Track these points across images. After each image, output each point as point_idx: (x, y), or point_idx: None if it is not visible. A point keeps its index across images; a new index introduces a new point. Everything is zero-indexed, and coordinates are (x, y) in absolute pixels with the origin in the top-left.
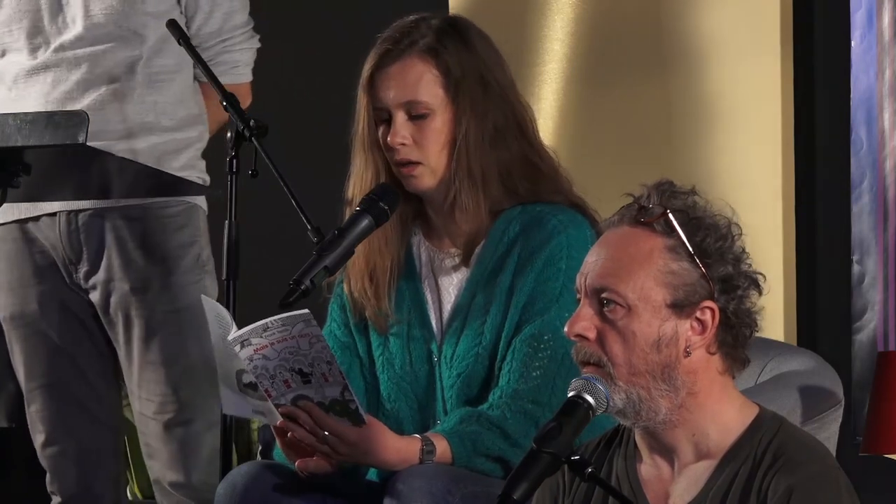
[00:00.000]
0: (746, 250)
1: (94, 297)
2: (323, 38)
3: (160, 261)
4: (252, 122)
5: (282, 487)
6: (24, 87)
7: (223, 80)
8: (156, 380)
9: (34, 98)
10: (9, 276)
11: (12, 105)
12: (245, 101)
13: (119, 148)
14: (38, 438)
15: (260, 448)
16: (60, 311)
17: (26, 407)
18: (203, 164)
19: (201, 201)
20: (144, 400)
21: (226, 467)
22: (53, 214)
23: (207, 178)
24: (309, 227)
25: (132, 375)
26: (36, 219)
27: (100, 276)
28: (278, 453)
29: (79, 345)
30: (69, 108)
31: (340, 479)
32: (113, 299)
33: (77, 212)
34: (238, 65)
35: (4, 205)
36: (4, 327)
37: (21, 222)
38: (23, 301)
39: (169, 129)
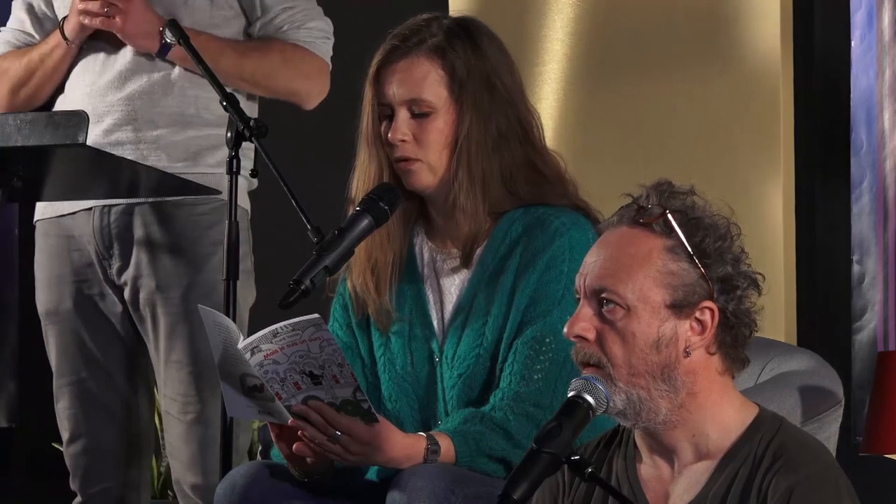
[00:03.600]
0: (745, 250)
1: (126, 293)
2: None
3: (188, 258)
4: (252, 122)
5: (281, 488)
6: (74, 76)
7: (295, 36)
8: (179, 379)
9: (82, 88)
10: (48, 273)
11: (66, 93)
12: (320, 80)
13: (155, 139)
14: (63, 436)
15: (260, 448)
16: (94, 312)
17: (55, 403)
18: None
19: (241, 199)
20: (169, 399)
21: (226, 467)
22: (90, 209)
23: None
24: (309, 227)
25: (160, 373)
26: (73, 214)
27: (129, 272)
28: (277, 454)
29: (108, 346)
30: (111, 98)
31: (339, 478)
32: (141, 296)
33: (110, 207)
34: (311, 29)
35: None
36: (42, 322)
37: (61, 217)
38: (59, 298)
39: (209, 123)
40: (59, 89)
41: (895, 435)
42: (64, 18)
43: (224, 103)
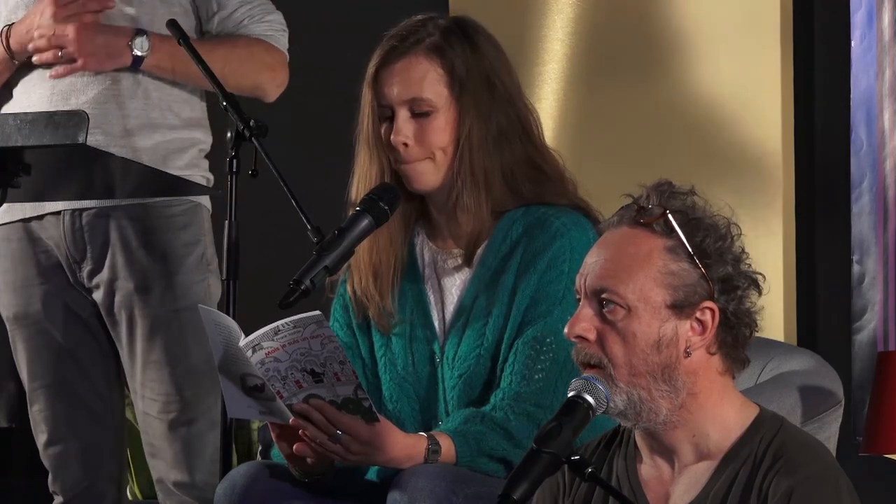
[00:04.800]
0: (746, 250)
1: (98, 296)
2: (323, 37)
3: (164, 260)
4: (252, 122)
5: (281, 488)
6: (30, 78)
7: (257, 30)
8: (159, 379)
9: (40, 90)
10: (13, 276)
11: (20, 97)
12: (282, 72)
13: (122, 144)
14: (41, 438)
15: (260, 448)
16: (64, 311)
17: (29, 406)
18: (207, 163)
19: (205, 200)
20: (148, 399)
21: (226, 467)
22: (58, 213)
23: (211, 178)
24: (309, 227)
25: (135, 375)
26: (40, 217)
27: (104, 275)
28: (277, 454)
29: (82, 345)
30: (73, 101)
31: (340, 478)
32: (117, 298)
33: (81, 210)
34: (271, 22)
35: (8, 204)
36: (8, 327)
37: (25, 221)
38: (26, 301)
39: (174, 127)
40: (8, 95)
41: (895, 435)
42: (8, 27)
43: (223, 103)
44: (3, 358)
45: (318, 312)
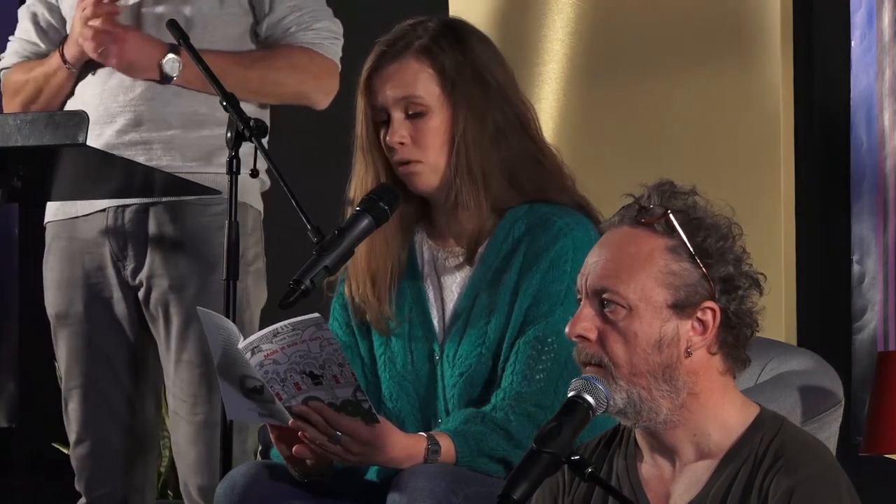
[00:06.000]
0: (747, 250)
1: (141, 293)
2: None
3: (200, 259)
4: (252, 122)
5: (281, 488)
6: (83, 74)
7: (303, 38)
8: (190, 379)
9: (92, 90)
10: (59, 275)
11: (79, 93)
12: (329, 80)
13: (168, 139)
14: (70, 437)
15: (260, 448)
16: (104, 314)
17: (63, 405)
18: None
19: (254, 201)
20: (178, 399)
21: (226, 467)
22: (104, 210)
23: (263, 179)
24: (309, 227)
25: (169, 373)
26: (87, 216)
27: (144, 272)
28: (276, 454)
29: (117, 347)
30: (122, 98)
31: (339, 479)
32: (153, 295)
33: (124, 207)
34: (319, 30)
35: (58, 202)
36: (52, 324)
37: (74, 220)
38: (70, 301)
39: (221, 122)
40: (71, 93)
41: (895, 435)
42: (64, 39)
43: (224, 103)
44: (3, 358)
45: (317, 315)
